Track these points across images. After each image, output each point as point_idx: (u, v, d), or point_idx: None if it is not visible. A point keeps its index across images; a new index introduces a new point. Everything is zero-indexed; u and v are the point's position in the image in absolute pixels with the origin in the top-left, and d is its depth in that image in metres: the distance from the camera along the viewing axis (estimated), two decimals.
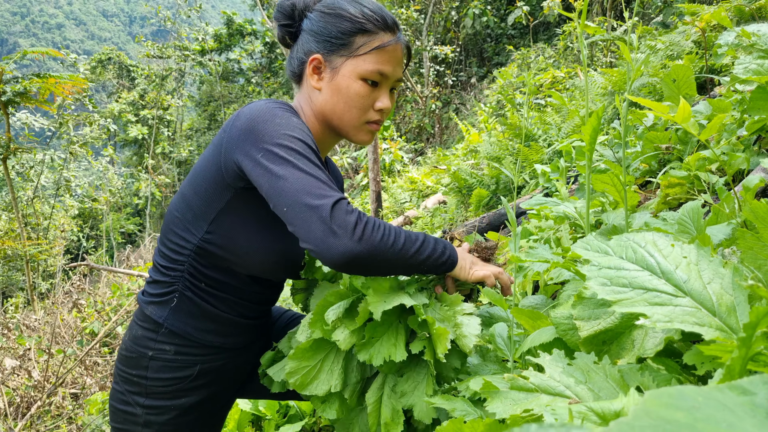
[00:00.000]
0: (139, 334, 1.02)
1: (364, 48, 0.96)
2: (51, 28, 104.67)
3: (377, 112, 1.01)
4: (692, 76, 1.43)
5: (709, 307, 0.52)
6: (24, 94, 6.11)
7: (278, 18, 1.04)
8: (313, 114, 1.03)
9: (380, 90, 0.99)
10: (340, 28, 0.97)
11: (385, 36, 0.97)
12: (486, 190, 3.74)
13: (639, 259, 0.57)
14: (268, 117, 0.89)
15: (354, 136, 1.02)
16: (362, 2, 0.99)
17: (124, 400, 1.03)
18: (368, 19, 0.96)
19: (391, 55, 0.98)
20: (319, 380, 0.93)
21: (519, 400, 0.52)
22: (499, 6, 12.72)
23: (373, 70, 0.96)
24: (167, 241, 1.01)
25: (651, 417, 0.21)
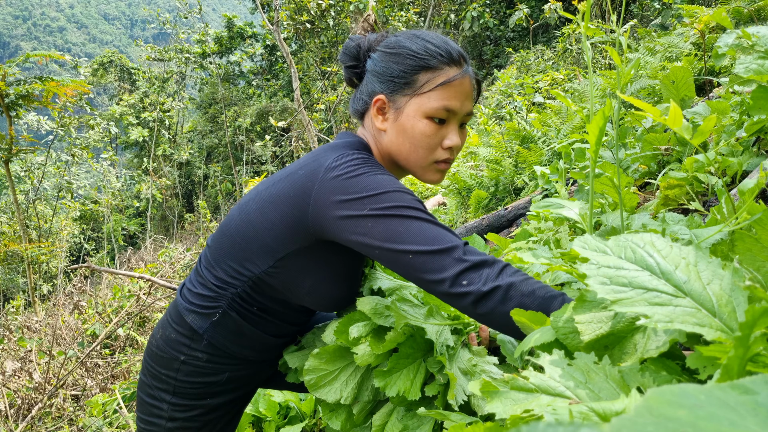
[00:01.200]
0: (173, 337, 1.02)
1: (428, 85, 0.92)
2: (53, 31, 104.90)
3: (446, 151, 0.96)
4: (691, 78, 1.44)
5: (710, 308, 0.52)
6: (26, 97, 6.13)
7: (344, 60, 1.02)
8: (380, 154, 1.01)
9: (448, 127, 0.95)
10: (402, 66, 0.94)
11: (450, 70, 0.93)
12: (485, 191, 3.74)
13: (638, 259, 0.57)
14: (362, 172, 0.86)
15: (422, 176, 0.99)
16: (425, 38, 0.95)
17: (151, 394, 1.05)
18: (431, 55, 0.93)
19: (458, 89, 0.93)
20: (333, 387, 0.93)
21: (519, 401, 0.52)
22: (498, 9, 12.75)
23: (438, 107, 0.92)
24: (222, 262, 0.98)
25: (653, 414, 0.22)
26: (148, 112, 19.20)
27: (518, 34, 12.28)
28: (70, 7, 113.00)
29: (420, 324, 0.88)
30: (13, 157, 6.75)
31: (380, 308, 0.91)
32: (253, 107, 18.04)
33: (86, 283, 5.59)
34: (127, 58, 22.16)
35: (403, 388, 0.85)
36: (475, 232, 2.87)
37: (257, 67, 20.57)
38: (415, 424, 0.90)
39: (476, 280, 0.75)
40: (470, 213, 3.81)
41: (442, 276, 0.76)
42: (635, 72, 2.65)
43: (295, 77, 7.23)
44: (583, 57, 7.23)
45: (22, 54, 6.35)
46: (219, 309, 0.98)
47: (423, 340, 0.91)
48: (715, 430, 0.22)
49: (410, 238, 0.79)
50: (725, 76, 2.65)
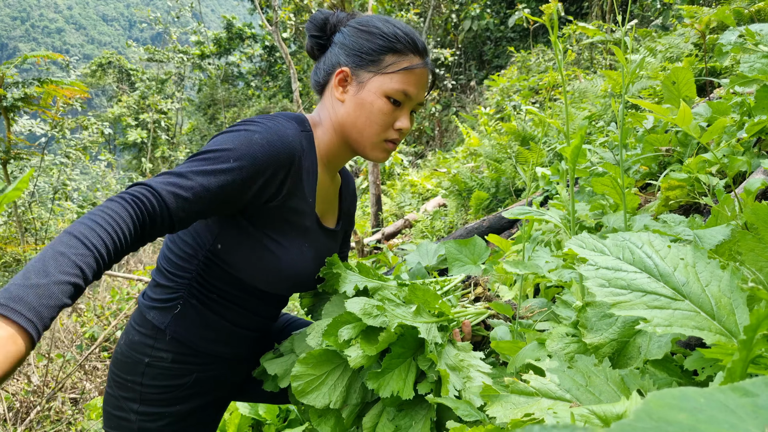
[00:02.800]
0: (137, 339, 1.00)
1: (393, 67, 0.98)
2: (51, 32, 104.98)
3: (396, 131, 1.01)
4: (692, 79, 1.44)
5: (708, 311, 0.51)
6: (25, 99, 6.12)
7: (309, 29, 1.06)
8: (332, 125, 1.03)
9: (402, 110, 1.01)
10: (371, 44, 0.99)
11: (414, 58, 0.99)
12: (486, 192, 3.74)
13: (637, 261, 0.57)
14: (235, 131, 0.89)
15: (370, 152, 1.03)
16: (396, 24, 1.01)
17: (118, 406, 1.01)
18: (400, 40, 0.98)
19: (418, 78, 1.00)
20: (321, 392, 0.92)
21: (519, 404, 0.52)
22: (498, 9, 12.76)
23: (398, 89, 0.98)
24: (174, 246, 0.99)
25: (653, 418, 0.21)
26: (146, 113, 19.20)
27: (518, 34, 12.29)
28: (69, 8, 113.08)
29: (411, 323, 0.88)
30: (11, 160, 6.75)
31: (369, 309, 0.90)
32: (253, 108, 18.05)
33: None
34: (125, 59, 22.18)
35: (396, 388, 0.85)
36: (476, 233, 2.86)
37: (256, 68, 20.58)
38: (407, 424, 0.89)
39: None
40: (471, 214, 3.81)
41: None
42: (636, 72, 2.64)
43: (294, 78, 7.24)
44: (583, 57, 7.24)
45: (20, 55, 6.35)
46: (179, 300, 0.98)
47: (413, 339, 0.91)
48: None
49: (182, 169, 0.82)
50: (726, 76, 2.65)
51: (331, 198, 1.12)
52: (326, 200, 1.09)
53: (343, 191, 1.18)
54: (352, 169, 10.54)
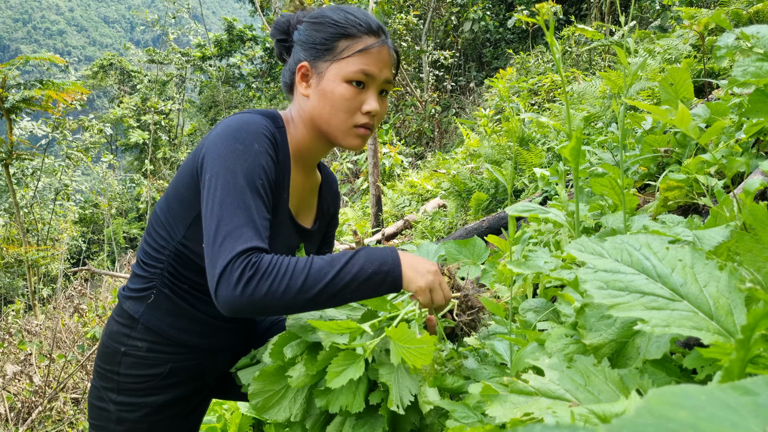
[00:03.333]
0: (115, 329, 1.04)
1: (347, 51, 0.97)
2: (53, 34, 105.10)
3: (365, 115, 1.00)
4: (690, 80, 1.44)
5: (706, 311, 0.52)
6: (27, 101, 6.13)
7: (274, 34, 1.07)
8: (303, 122, 1.04)
9: (367, 92, 0.99)
10: (323, 34, 0.99)
11: (369, 39, 0.98)
12: (485, 193, 3.74)
13: (635, 262, 0.57)
14: (236, 137, 0.91)
15: (343, 141, 1.01)
16: (347, 10, 1.01)
17: (99, 396, 1.04)
18: (351, 24, 0.98)
19: (376, 57, 0.98)
20: (281, 406, 0.92)
21: (519, 404, 0.52)
22: (498, 11, 12.78)
23: (356, 71, 0.96)
24: (149, 238, 1.03)
25: (653, 415, 0.22)
26: (147, 114, 19.22)
27: (518, 36, 12.30)
28: (70, 10, 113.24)
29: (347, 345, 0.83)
30: (13, 161, 6.76)
31: (307, 324, 0.90)
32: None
33: (86, 286, 5.59)
34: (127, 61, 22.21)
35: (345, 402, 0.84)
36: (475, 234, 2.87)
37: (257, 70, 20.60)
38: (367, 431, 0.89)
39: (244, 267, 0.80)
40: (470, 215, 3.81)
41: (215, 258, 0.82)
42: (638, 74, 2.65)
43: None
44: (582, 58, 7.24)
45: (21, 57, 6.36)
46: (153, 289, 1.01)
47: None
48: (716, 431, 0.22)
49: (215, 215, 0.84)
50: (724, 78, 2.66)
51: (306, 196, 1.12)
52: (301, 198, 1.09)
53: (323, 191, 1.18)
54: (353, 170, 10.56)
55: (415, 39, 12.08)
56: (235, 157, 0.88)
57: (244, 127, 0.93)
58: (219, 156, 0.89)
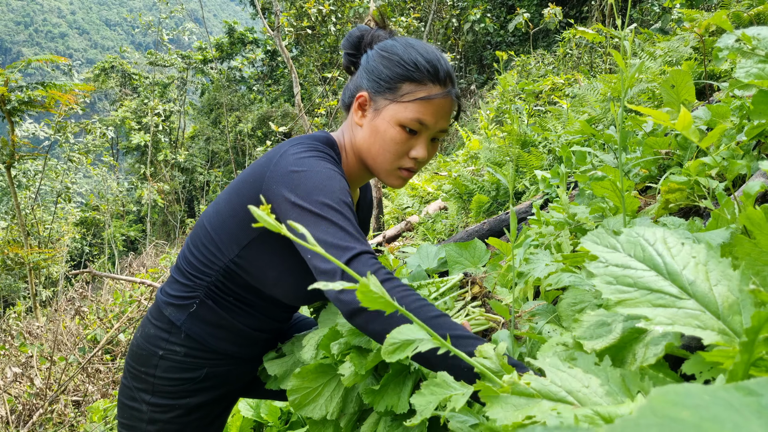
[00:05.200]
0: (152, 332, 1.05)
1: (409, 96, 0.95)
2: (54, 37, 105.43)
3: (411, 160, 0.99)
4: (691, 82, 1.44)
5: (714, 310, 0.51)
6: (29, 102, 6.15)
7: (345, 46, 1.06)
8: (352, 149, 1.04)
9: (418, 139, 0.98)
10: (389, 71, 0.97)
11: (433, 88, 0.96)
12: (486, 196, 3.74)
13: (647, 258, 0.56)
14: (308, 167, 0.90)
15: (385, 179, 1.03)
16: (420, 50, 0.98)
17: (131, 396, 1.06)
18: (419, 68, 0.96)
19: (436, 107, 0.97)
20: (318, 404, 0.93)
21: (520, 406, 0.52)
22: (498, 14, 12.80)
23: (412, 119, 0.95)
24: (196, 251, 1.02)
25: (657, 415, 0.22)
26: (149, 117, 19.26)
27: (518, 38, 12.32)
28: (72, 13, 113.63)
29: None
30: (15, 163, 6.77)
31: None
32: (255, 113, 18.09)
33: (87, 289, 5.59)
34: (128, 63, 22.27)
35: (390, 403, 0.86)
36: (477, 236, 2.87)
37: (258, 73, 20.64)
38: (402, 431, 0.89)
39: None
40: (471, 217, 3.81)
41: (341, 254, 0.81)
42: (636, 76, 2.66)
43: (296, 82, 7.26)
44: (582, 61, 7.26)
45: (23, 59, 6.38)
46: (196, 299, 1.01)
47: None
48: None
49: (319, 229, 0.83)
50: (725, 80, 2.66)
51: None
52: None
53: (360, 203, 1.20)
54: None
55: None
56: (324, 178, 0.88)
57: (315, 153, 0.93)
58: (299, 182, 0.88)
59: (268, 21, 12.70)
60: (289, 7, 12.87)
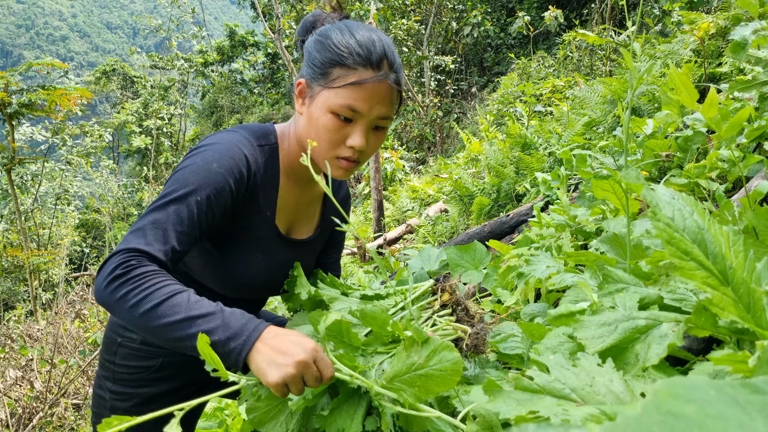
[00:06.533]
0: (113, 320, 1.09)
1: (339, 81, 0.91)
2: (55, 40, 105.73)
3: (349, 149, 0.94)
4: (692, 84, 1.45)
5: (746, 303, 0.50)
6: (29, 106, 6.17)
7: (299, 32, 1.03)
8: (295, 138, 1.02)
9: (354, 126, 0.93)
10: (321, 56, 0.93)
11: (365, 72, 0.90)
12: (487, 198, 3.75)
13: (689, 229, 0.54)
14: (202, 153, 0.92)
15: (323, 168, 0.97)
16: (354, 33, 0.93)
17: (98, 384, 1.09)
18: (350, 52, 0.91)
19: (370, 92, 0.91)
20: (278, 421, 0.91)
21: (523, 401, 0.52)
22: (498, 16, 12.84)
23: (342, 105, 0.90)
24: None
25: (660, 411, 0.21)
26: (150, 120, 19.29)
27: (519, 41, 12.35)
28: (73, 16, 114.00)
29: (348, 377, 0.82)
30: (15, 166, 6.78)
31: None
32: (255, 115, 18.12)
33: (88, 291, 5.59)
34: (129, 66, 22.32)
35: (343, 426, 0.84)
36: (477, 238, 2.87)
37: (259, 76, 20.68)
38: None
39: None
40: (472, 220, 3.81)
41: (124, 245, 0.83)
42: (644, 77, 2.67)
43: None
44: (583, 63, 7.27)
45: (24, 63, 6.40)
46: None
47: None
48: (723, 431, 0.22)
49: (144, 214, 0.87)
50: (725, 82, 2.66)
51: (303, 206, 1.10)
52: (296, 209, 1.08)
53: (328, 198, 1.15)
54: (354, 175, 10.56)
55: (416, 44, 12.13)
56: (189, 170, 0.90)
57: (213, 145, 0.94)
58: (180, 166, 0.91)
59: (269, 24, 12.74)
60: (290, 10, 12.91)
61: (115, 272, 0.79)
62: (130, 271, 0.80)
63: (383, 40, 0.94)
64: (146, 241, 0.83)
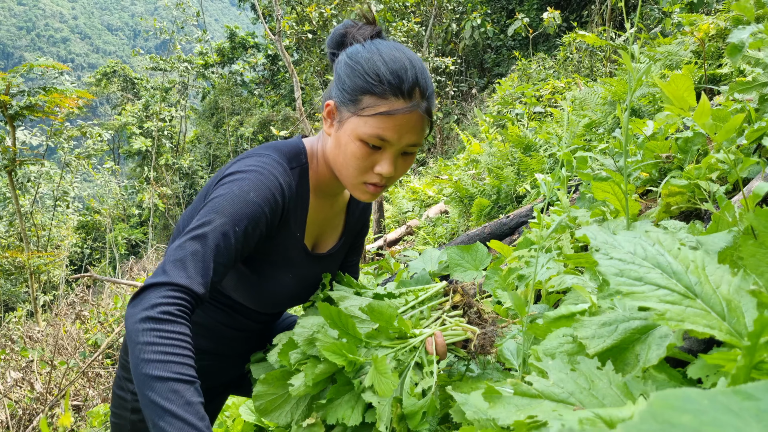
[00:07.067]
0: None
1: (369, 110, 0.89)
2: (56, 42, 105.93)
3: (377, 176, 0.94)
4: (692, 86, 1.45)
5: (719, 312, 0.51)
6: (30, 108, 6.18)
7: (329, 44, 1.01)
8: (324, 157, 1.02)
9: (383, 154, 0.92)
10: (351, 82, 0.91)
11: (396, 102, 0.89)
12: (487, 199, 3.75)
13: (650, 257, 0.56)
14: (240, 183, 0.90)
15: (352, 192, 0.99)
16: (386, 58, 0.90)
17: (119, 385, 1.09)
18: (381, 81, 0.88)
19: (399, 123, 0.89)
20: (283, 410, 0.93)
21: (523, 406, 0.52)
22: (498, 18, 12.85)
23: (372, 135, 0.89)
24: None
25: (657, 420, 0.22)
26: (150, 121, 19.32)
27: (519, 42, 12.36)
28: (74, 18, 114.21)
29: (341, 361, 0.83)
30: (16, 168, 6.79)
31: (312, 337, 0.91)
32: (256, 116, 18.14)
33: (88, 293, 5.60)
34: (130, 68, 22.36)
35: (342, 415, 0.85)
36: (477, 240, 2.87)
37: (259, 77, 20.71)
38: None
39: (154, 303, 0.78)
40: (472, 221, 3.81)
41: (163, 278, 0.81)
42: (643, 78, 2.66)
43: (297, 86, 7.28)
44: (583, 65, 7.27)
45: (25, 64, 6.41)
46: None
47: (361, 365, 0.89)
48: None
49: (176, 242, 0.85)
50: (725, 84, 2.66)
51: (329, 219, 1.12)
52: (323, 224, 1.09)
53: (351, 207, 1.17)
54: None
55: (416, 46, 12.14)
56: (227, 200, 0.88)
57: (250, 173, 0.91)
58: (217, 194, 0.89)
59: (269, 25, 12.76)
60: (290, 11, 12.93)
61: (153, 312, 0.77)
62: (167, 322, 0.77)
63: (416, 66, 0.92)
64: (187, 274, 0.81)
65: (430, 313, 1.04)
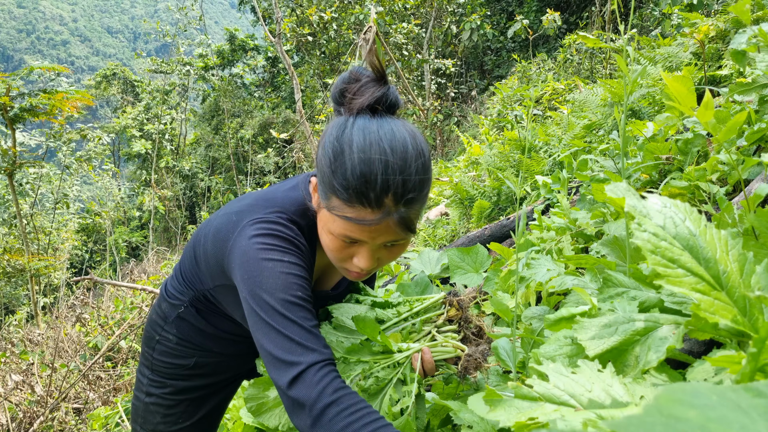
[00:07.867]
0: (153, 318, 1.16)
1: (337, 211, 0.81)
2: (56, 44, 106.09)
3: (356, 266, 0.88)
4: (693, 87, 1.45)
5: (741, 307, 0.51)
6: (31, 110, 6.19)
7: (332, 95, 0.92)
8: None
9: (360, 247, 0.85)
10: (323, 174, 0.83)
11: (362, 211, 0.79)
12: (488, 201, 3.75)
13: (680, 236, 0.54)
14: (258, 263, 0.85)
15: (340, 270, 0.94)
16: (356, 157, 0.78)
17: (139, 370, 1.20)
18: (347, 186, 0.78)
19: (369, 228, 0.81)
20: (273, 413, 0.95)
21: (523, 409, 0.52)
22: (498, 20, 12.88)
23: (340, 233, 0.83)
24: (184, 268, 1.09)
25: (662, 414, 0.21)
26: (150, 124, 19.33)
27: (518, 44, 12.38)
28: (74, 21, 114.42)
29: None
30: (16, 170, 6.79)
31: None
32: (256, 119, 18.16)
33: (89, 296, 5.59)
34: (130, 70, 22.39)
35: None
36: (478, 242, 2.87)
37: (259, 79, 20.74)
38: None
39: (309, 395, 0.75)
40: (473, 223, 3.82)
41: (278, 382, 0.79)
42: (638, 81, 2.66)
43: (297, 89, 7.29)
44: (583, 66, 7.28)
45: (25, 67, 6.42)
46: (184, 303, 1.09)
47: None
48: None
49: (267, 338, 0.81)
50: (725, 86, 2.67)
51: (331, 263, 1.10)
52: (326, 265, 1.07)
53: None
54: None
55: (416, 47, 12.17)
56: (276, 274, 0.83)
57: (274, 241, 0.86)
58: (255, 273, 0.84)
59: (269, 28, 12.78)
60: (290, 14, 12.96)
61: (323, 398, 0.74)
62: (335, 391, 0.75)
63: (391, 166, 0.79)
64: (316, 348, 0.79)
65: (422, 327, 1.01)
